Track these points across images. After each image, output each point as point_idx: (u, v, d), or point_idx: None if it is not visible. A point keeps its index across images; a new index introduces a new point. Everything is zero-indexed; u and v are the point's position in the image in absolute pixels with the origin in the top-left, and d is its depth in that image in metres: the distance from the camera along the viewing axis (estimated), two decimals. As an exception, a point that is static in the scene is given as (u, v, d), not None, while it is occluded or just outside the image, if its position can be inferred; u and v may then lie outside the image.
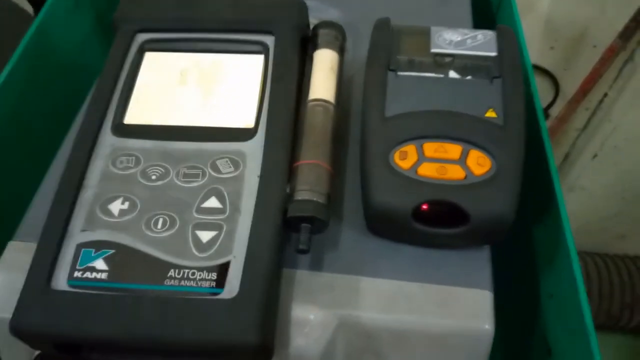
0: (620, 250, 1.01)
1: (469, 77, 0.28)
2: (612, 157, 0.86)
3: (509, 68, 0.28)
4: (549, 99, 0.85)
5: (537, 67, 0.81)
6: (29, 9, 0.59)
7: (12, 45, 0.38)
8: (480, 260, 0.26)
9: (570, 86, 0.83)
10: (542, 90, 0.85)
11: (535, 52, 0.79)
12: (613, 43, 0.73)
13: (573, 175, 0.92)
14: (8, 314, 0.23)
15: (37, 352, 0.27)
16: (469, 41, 0.30)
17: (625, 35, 0.72)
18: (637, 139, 0.81)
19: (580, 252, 0.99)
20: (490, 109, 0.27)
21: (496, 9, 0.44)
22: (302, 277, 0.26)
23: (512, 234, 0.26)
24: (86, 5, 0.44)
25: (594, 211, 0.96)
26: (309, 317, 0.25)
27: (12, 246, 0.27)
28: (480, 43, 0.29)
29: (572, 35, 0.78)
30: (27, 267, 0.24)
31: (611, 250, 1.01)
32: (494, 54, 0.29)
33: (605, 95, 0.82)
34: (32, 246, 0.24)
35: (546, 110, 0.86)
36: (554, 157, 0.30)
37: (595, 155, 0.87)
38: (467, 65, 0.28)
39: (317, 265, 0.26)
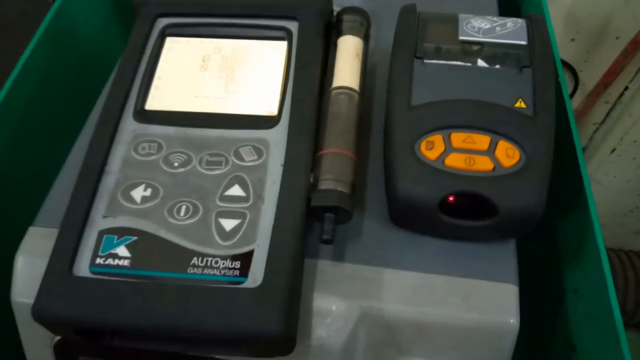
0: (636, 246, 1.00)
1: (497, 66, 0.27)
2: (631, 152, 0.85)
3: (540, 57, 0.27)
4: (568, 91, 0.84)
5: (556, 59, 0.80)
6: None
7: (30, 28, 0.38)
8: (506, 254, 0.26)
9: (590, 79, 0.81)
10: (561, 82, 0.84)
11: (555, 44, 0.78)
12: (637, 35, 0.71)
13: (590, 170, 0.90)
14: (28, 299, 0.23)
15: (57, 338, 0.27)
16: (498, 29, 0.29)
17: (650, 26, 0.70)
18: (657, 133, 0.80)
19: (595, 248, 0.98)
20: (520, 99, 0.26)
21: (521, -2, 0.43)
22: (325, 268, 0.25)
23: (538, 227, 0.25)
24: (104, -11, 0.44)
25: (610, 206, 0.95)
26: (331, 308, 0.25)
27: (33, 232, 0.27)
28: (509, 31, 0.29)
29: (595, 26, 0.76)
30: (47, 252, 0.24)
31: (627, 246, 1.00)
32: (524, 42, 0.28)
33: (626, 88, 0.80)
34: (52, 232, 0.25)
35: (565, 103, 0.84)
36: None
37: (613, 150, 0.85)
38: (496, 53, 0.28)
39: (339, 256, 0.26)
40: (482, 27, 0.29)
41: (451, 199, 0.24)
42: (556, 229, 0.32)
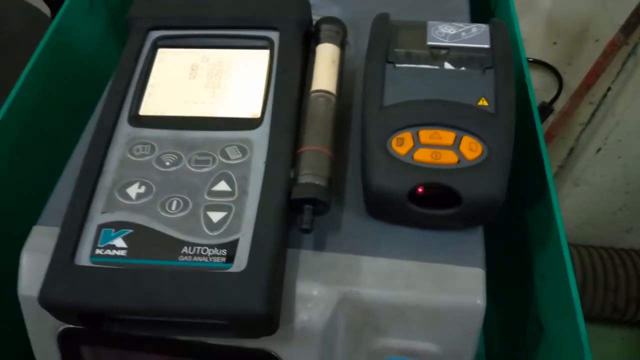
0: (626, 244, 1.01)
1: (463, 68, 0.30)
2: (617, 151, 0.87)
3: (501, 59, 0.30)
4: (553, 93, 0.86)
5: (540, 62, 0.82)
6: (43, 8, 0.62)
7: (29, 43, 0.40)
8: (474, 240, 0.28)
9: (573, 81, 0.84)
10: (545, 85, 0.86)
11: (538, 47, 0.80)
12: (615, 37, 0.74)
13: (578, 170, 0.92)
14: (34, 292, 0.25)
15: (60, 328, 0.29)
16: (463, 34, 0.31)
17: (627, 29, 0.72)
18: (640, 132, 0.82)
19: (586, 246, 1.00)
20: (482, 98, 0.29)
21: (494, 4, 0.45)
22: (307, 257, 0.27)
23: (509, 216, 0.27)
24: (100, 5, 0.46)
25: (599, 205, 0.97)
26: (313, 293, 0.26)
27: (37, 230, 0.29)
28: (474, 36, 0.31)
29: (574, 30, 0.78)
30: (50, 249, 0.25)
31: (617, 243, 1.01)
32: (487, 46, 0.30)
33: (609, 89, 0.82)
34: (55, 230, 0.26)
35: (550, 104, 0.87)
36: (559, 151, 0.32)
37: (599, 149, 0.87)
38: (462, 57, 0.30)
39: (320, 246, 0.28)
40: (448, 33, 0.31)
41: (420, 190, 0.26)
42: (525, 219, 0.34)
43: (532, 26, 0.78)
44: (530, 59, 0.81)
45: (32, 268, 0.28)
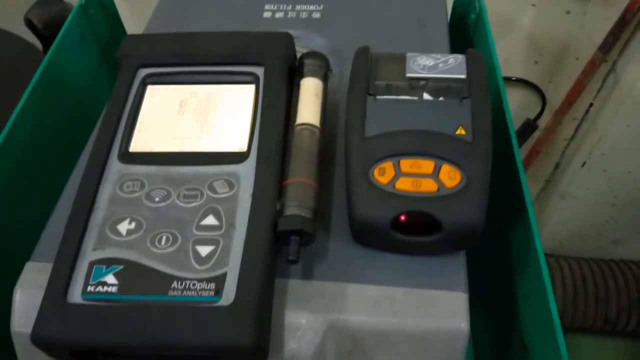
0: (615, 255, 1.03)
1: (441, 98, 0.31)
2: (601, 165, 0.88)
3: (477, 89, 0.31)
4: (537, 110, 0.88)
5: (523, 81, 0.84)
6: (36, 42, 0.63)
7: (23, 76, 0.41)
8: (456, 265, 0.29)
9: (556, 98, 0.86)
10: (529, 102, 0.88)
11: (520, 66, 0.82)
12: (594, 56, 0.76)
13: (564, 184, 0.94)
14: (27, 329, 0.25)
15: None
16: (440, 65, 0.32)
17: (605, 47, 0.75)
18: (623, 146, 0.84)
19: (576, 258, 1.01)
20: (460, 127, 0.30)
21: (473, 31, 0.47)
22: (294, 286, 0.28)
23: (491, 241, 0.28)
24: (91, 40, 0.47)
25: (587, 218, 0.98)
26: (301, 322, 0.27)
27: (30, 267, 0.29)
28: (451, 67, 0.32)
29: (555, 49, 0.81)
30: (43, 285, 0.26)
31: (606, 255, 1.03)
32: (463, 76, 0.32)
33: (591, 105, 0.84)
34: (47, 266, 0.27)
35: (534, 121, 0.88)
36: (545, 166, 0.33)
37: (584, 163, 0.89)
38: (440, 87, 0.31)
39: (307, 274, 0.28)
40: (426, 65, 0.32)
41: (402, 218, 0.27)
42: (507, 241, 0.35)
43: (514, 46, 0.80)
44: (513, 78, 0.83)
45: (25, 304, 0.28)
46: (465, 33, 0.48)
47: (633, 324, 0.94)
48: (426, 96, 0.31)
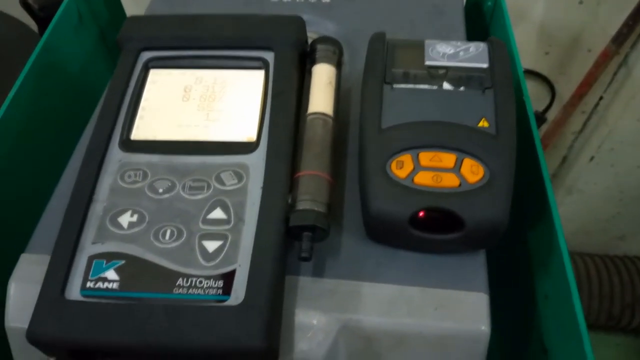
0: (620, 251, 1.02)
1: (462, 88, 0.29)
2: (609, 160, 0.87)
3: (501, 79, 0.29)
4: (546, 103, 0.86)
5: (533, 72, 0.82)
6: (32, 24, 0.61)
7: (18, 59, 0.40)
8: (476, 264, 0.27)
9: (566, 90, 0.84)
10: (538, 94, 0.87)
11: (530, 57, 0.81)
12: (606, 47, 0.74)
13: (571, 178, 0.93)
14: (22, 324, 0.24)
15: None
16: (461, 53, 0.31)
17: (619, 40, 0.73)
18: (632, 141, 0.82)
19: (581, 254, 1.00)
20: (483, 119, 0.28)
21: (489, 19, 0.45)
22: (305, 284, 0.27)
23: (509, 238, 0.27)
24: (89, 21, 0.45)
25: (593, 213, 0.97)
26: (312, 322, 0.26)
27: (25, 258, 0.28)
28: (472, 55, 0.31)
29: (566, 40, 0.79)
30: (39, 278, 0.25)
31: (611, 251, 1.02)
32: (485, 65, 0.30)
33: (601, 98, 0.83)
34: (43, 258, 0.26)
35: (543, 114, 0.87)
36: (552, 160, 0.31)
37: (592, 158, 0.88)
38: (460, 76, 0.29)
39: (319, 272, 0.27)
40: (446, 52, 0.31)
41: (421, 214, 0.26)
42: (527, 240, 0.34)
43: (524, 36, 0.78)
44: (523, 69, 0.81)
45: (20, 298, 0.27)
46: (480, 21, 0.46)
47: (637, 321, 0.94)
48: (446, 86, 0.29)
